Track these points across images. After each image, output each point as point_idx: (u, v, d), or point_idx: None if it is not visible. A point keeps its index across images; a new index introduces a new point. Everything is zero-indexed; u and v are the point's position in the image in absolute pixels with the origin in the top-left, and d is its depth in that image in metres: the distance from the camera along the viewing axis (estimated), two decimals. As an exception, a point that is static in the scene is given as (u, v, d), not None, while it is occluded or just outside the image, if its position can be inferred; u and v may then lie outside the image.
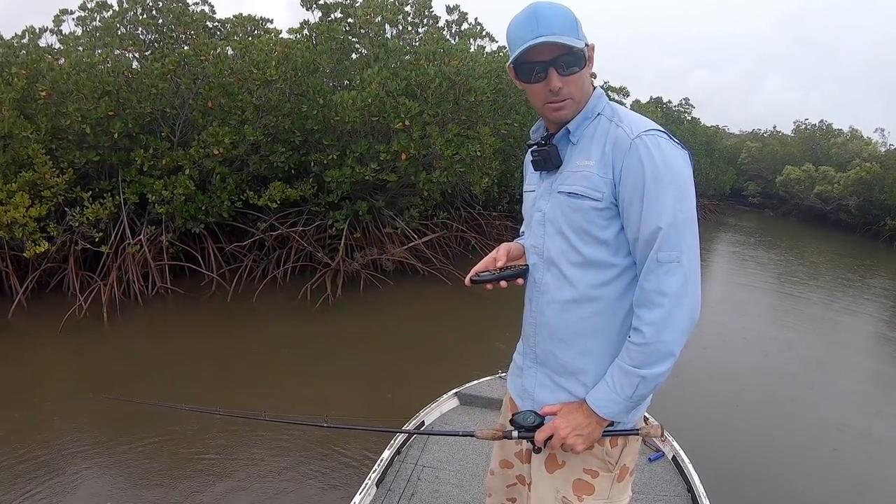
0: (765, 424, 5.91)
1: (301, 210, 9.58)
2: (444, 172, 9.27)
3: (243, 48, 8.70)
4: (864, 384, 7.61)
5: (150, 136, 8.00)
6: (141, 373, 5.97)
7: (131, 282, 7.79)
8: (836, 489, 4.88)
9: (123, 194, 7.90)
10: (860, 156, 27.30)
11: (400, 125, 8.64)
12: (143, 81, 7.62)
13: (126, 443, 4.59)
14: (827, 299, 12.47)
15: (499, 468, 2.10)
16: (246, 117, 8.33)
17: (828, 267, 17.16)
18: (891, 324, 11.13)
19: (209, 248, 8.71)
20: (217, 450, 4.64)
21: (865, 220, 24.69)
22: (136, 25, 8.80)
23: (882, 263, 18.81)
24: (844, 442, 5.70)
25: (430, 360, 7.04)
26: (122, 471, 4.29)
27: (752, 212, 31.16)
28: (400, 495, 3.22)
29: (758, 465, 5.02)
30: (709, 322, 9.14)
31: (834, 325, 10.66)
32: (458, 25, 11.95)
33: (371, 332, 7.80)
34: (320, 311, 8.11)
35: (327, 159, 8.92)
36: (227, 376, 6.10)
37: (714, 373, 7.22)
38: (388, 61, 9.49)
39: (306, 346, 7.17)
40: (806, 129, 33.01)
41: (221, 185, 8.38)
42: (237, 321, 7.77)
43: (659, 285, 1.47)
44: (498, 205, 13.63)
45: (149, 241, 8.01)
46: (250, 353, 6.74)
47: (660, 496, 3.33)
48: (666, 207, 1.47)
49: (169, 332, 7.40)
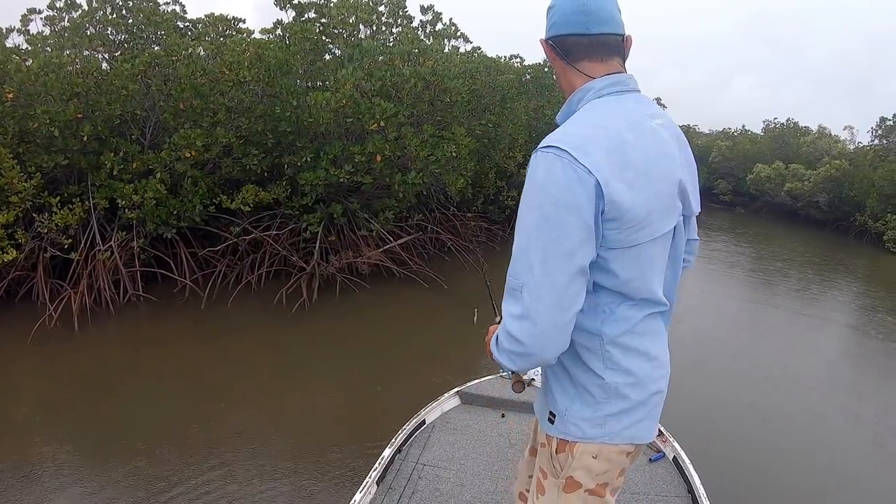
0: (765, 424, 6.14)
1: (274, 213, 9.65)
2: (419, 174, 9.40)
3: (215, 49, 8.75)
4: (866, 382, 7.95)
5: (119, 138, 8.02)
6: (114, 386, 5.96)
7: (102, 289, 7.77)
8: (837, 490, 5.06)
9: (93, 199, 7.90)
10: (830, 153, 28.19)
11: (375, 126, 8.75)
12: (113, 83, 7.64)
13: (103, 458, 4.60)
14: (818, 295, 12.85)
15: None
16: (218, 119, 8.39)
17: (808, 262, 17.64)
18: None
19: (181, 253, 8.72)
20: (206, 458, 4.70)
21: (835, 216, 25.56)
22: (105, 25, 8.77)
23: (854, 257, 19.41)
24: (845, 442, 5.94)
25: (410, 364, 7.20)
26: (99, 488, 4.28)
27: (723, 210, 31.82)
28: (401, 494, 3.30)
29: (758, 465, 5.19)
30: (709, 320, 9.51)
31: (833, 323, 11.05)
32: (432, 26, 12.09)
33: (350, 336, 7.91)
34: (297, 317, 8.19)
35: (301, 161, 9.01)
36: (204, 388, 6.11)
37: (712, 375, 7.48)
38: (363, 62, 9.59)
39: (284, 353, 7.22)
40: (775, 128, 33.81)
41: (193, 189, 8.41)
42: (212, 329, 7.81)
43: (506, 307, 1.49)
44: (472, 205, 13.79)
45: (119, 247, 8.00)
46: (227, 362, 6.80)
47: (660, 497, 3.43)
48: (519, 232, 1.45)
49: (142, 342, 7.36)
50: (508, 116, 12.63)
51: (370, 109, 8.76)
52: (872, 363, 8.93)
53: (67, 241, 7.59)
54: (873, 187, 22.55)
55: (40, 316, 7.00)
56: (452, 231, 12.69)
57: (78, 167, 7.90)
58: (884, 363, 8.95)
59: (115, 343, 7.36)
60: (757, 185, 29.47)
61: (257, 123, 8.82)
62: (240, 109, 8.61)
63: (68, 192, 7.89)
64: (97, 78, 7.64)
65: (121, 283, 8.02)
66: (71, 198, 7.77)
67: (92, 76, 7.56)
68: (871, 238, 22.39)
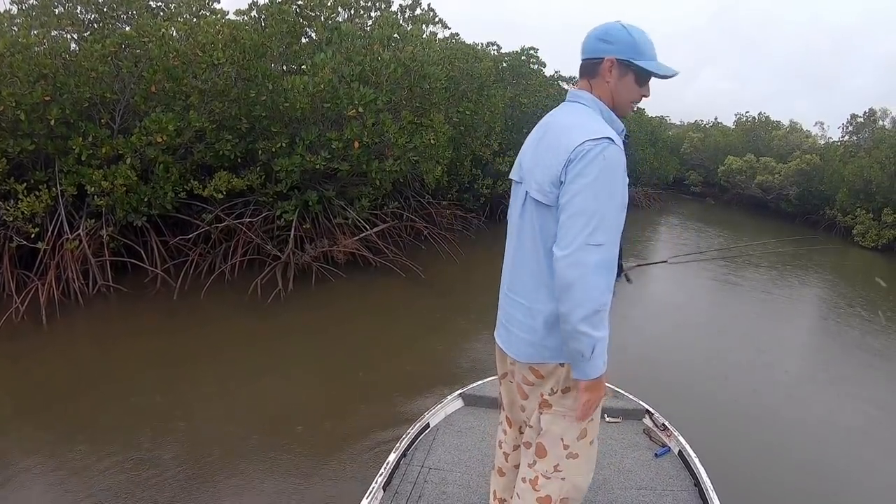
0: (771, 419, 6.33)
1: (248, 201, 9.62)
2: (397, 161, 9.45)
3: (189, 29, 8.63)
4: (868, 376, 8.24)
5: (88, 122, 7.88)
6: (85, 383, 5.80)
7: (71, 280, 7.66)
8: (844, 484, 5.24)
9: (60, 186, 7.77)
10: (801, 148, 28.88)
11: (353, 112, 8.76)
12: (82, 64, 7.50)
13: (75, 459, 4.52)
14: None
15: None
16: (191, 103, 8.32)
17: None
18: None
19: (152, 242, 8.65)
20: (200, 458, 4.69)
21: (805, 209, 26.30)
22: (74, 4, 8.57)
23: (821, 249, 20.00)
24: (847, 438, 6.14)
25: (390, 354, 7.26)
26: (70, 490, 4.22)
27: (693, 200, 32.39)
28: (407, 498, 3.38)
29: (765, 458, 5.36)
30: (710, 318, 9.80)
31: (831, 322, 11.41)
32: (411, 10, 12.05)
33: (328, 327, 7.93)
34: (272, 307, 8.19)
35: (276, 147, 8.97)
36: (179, 385, 5.97)
37: (719, 368, 7.72)
38: (341, 46, 9.55)
39: (260, 345, 7.16)
40: (747, 122, 34.39)
41: (164, 175, 8.32)
42: (185, 321, 7.70)
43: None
44: (448, 194, 13.86)
45: (88, 235, 7.88)
46: (201, 356, 6.72)
47: (667, 491, 3.55)
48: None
49: (113, 336, 7.21)
50: (485, 104, 12.71)
51: (348, 95, 8.75)
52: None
53: (34, 230, 7.44)
54: (843, 182, 23.26)
55: (7, 309, 6.85)
56: (428, 219, 12.76)
57: (45, 152, 7.75)
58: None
59: (84, 337, 7.20)
60: (728, 177, 30.06)
61: (231, 108, 8.75)
62: (213, 93, 8.52)
63: (35, 179, 7.73)
64: (65, 59, 7.50)
65: (90, 274, 7.92)
66: (37, 184, 7.61)
67: (60, 57, 7.42)
68: (840, 231, 23.05)
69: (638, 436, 4.27)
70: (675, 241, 18.67)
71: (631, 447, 4.10)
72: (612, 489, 3.55)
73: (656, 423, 4.34)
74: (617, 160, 1.98)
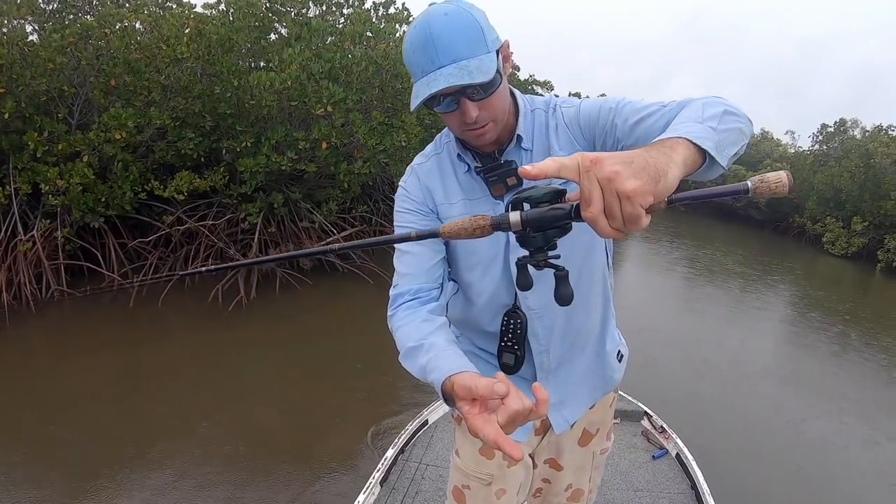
0: (768, 422, 6.60)
1: (211, 202, 9.59)
2: (366, 163, 9.49)
3: (153, 21, 8.54)
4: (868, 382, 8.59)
5: (45, 117, 7.78)
6: (36, 400, 5.59)
7: (23, 284, 7.56)
8: (842, 488, 5.45)
9: (14, 184, 7.64)
10: (771, 156, 29.72)
11: (321, 111, 8.77)
12: (40, 55, 7.41)
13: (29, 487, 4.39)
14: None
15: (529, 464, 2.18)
16: (152, 98, 8.30)
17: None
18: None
19: (110, 244, 8.58)
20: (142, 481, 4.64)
21: (774, 217, 27.24)
22: (35, -8, 8.39)
23: (791, 257, 20.58)
24: (845, 446, 6.38)
25: (358, 366, 7.14)
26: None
27: (663, 208, 33.03)
28: (404, 494, 3.50)
29: (761, 461, 5.58)
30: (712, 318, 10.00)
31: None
32: (384, 8, 12.07)
33: (292, 338, 7.88)
34: (234, 316, 8.14)
35: (240, 147, 8.95)
36: (137, 403, 5.76)
37: (715, 372, 8.00)
38: (311, 42, 9.55)
39: (221, 358, 7.01)
40: (718, 128, 35.24)
41: (123, 174, 8.25)
42: (143, 331, 7.52)
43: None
44: (416, 198, 13.84)
45: (42, 237, 7.78)
46: (161, 370, 6.51)
47: (664, 493, 3.71)
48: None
49: (66, 347, 7.02)
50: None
51: (317, 93, 8.76)
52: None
53: (-15, 230, 7.30)
54: (813, 190, 24.14)
55: (-45, 314, 6.70)
56: (396, 225, 12.71)
57: (-2, 148, 7.60)
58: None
59: (36, 348, 7.05)
60: (697, 185, 30.74)
61: (195, 104, 8.73)
62: (176, 88, 8.51)
63: (-14, 175, 7.58)
64: (23, 49, 7.38)
65: (43, 278, 7.83)
66: (-11, 181, 7.47)
67: (17, 47, 7.30)
68: (810, 239, 23.78)
69: (636, 437, 4.48)
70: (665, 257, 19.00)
71: (629, 448, 4.30)
72: (609, 490, 3.74)
73: (655, 426, 4.52)
74: None
